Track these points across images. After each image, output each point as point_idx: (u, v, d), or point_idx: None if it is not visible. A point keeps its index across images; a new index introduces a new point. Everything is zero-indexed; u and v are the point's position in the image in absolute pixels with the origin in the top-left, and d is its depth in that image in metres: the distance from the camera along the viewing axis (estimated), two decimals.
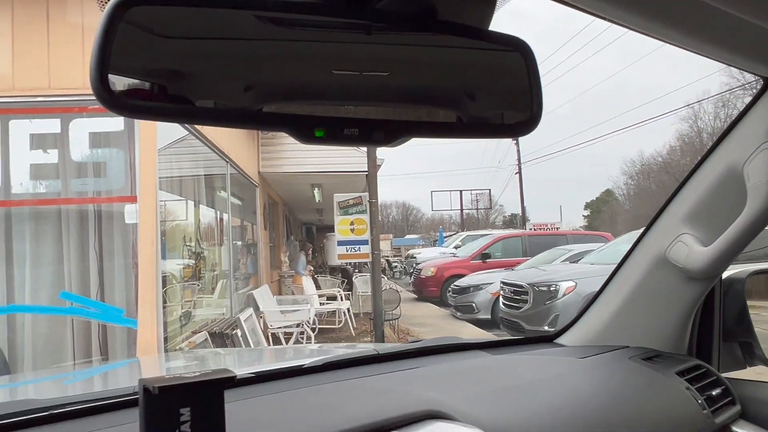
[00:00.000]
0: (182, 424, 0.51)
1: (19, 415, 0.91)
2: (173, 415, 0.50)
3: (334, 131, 0.55)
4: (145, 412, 0.50)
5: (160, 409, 0.50)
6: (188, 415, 0.51)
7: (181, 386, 0.50)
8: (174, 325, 5.39)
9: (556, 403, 1.06)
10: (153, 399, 0.50)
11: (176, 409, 0.50)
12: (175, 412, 0.50)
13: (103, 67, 0.46)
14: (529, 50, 0.64)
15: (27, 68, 3.95)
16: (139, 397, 0.50)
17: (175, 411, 0.50)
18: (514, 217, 47.12)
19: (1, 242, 4.10)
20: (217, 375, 0.52)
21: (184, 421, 0.51)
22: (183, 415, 0.51)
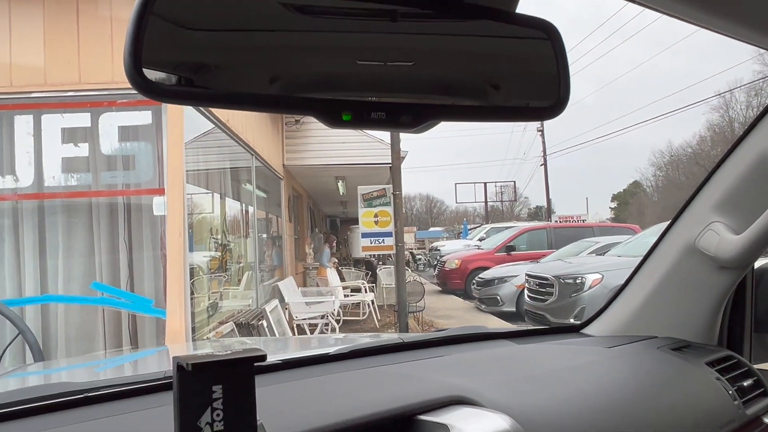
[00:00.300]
0: (214, 401, 0.52)
1: (56, 397, 0.94)
2: (206, 392, 0.52)
3: (361, 114, 0.55)
4: (179, 388, 0.51)
5: (194, 386, 0.51)
6: (220, 393, 0.52)
7: (214, 363, 0.51)
8: (201, 315, 5.48)
9: (584, 392, 1.05)
10: (186, 376, 0.51)
11: (209, 387, 0.52)
12: (208, 389, 0.52)
13: (136, 54, 0.48)
14: (557, 32, 0.63)
15: (58, 64, 4.03)
16: (173, 374, 0.52)
17: (208, 388, 0.52)
18: (539, 209, 46.71)
19: (34, 234, 4.20)
20: (248, 353, 0.53)
21: (216, 398, 0.52)
22: (215, 392, 0.52)
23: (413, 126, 0.57)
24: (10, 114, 4.07)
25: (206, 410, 0.52)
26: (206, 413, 0.52)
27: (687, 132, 73.37)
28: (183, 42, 0.53)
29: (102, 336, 4.29)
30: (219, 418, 0.52)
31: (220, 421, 0.52)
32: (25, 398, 0.93)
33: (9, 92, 3.99)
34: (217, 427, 0.52)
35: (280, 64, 0.58)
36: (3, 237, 4.18)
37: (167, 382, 1.01)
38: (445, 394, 0.88)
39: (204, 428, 0.52)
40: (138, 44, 0.48)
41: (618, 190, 52.08)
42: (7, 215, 4.20)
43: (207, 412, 0.52)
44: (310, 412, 0.80)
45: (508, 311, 10.36)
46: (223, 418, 0.52)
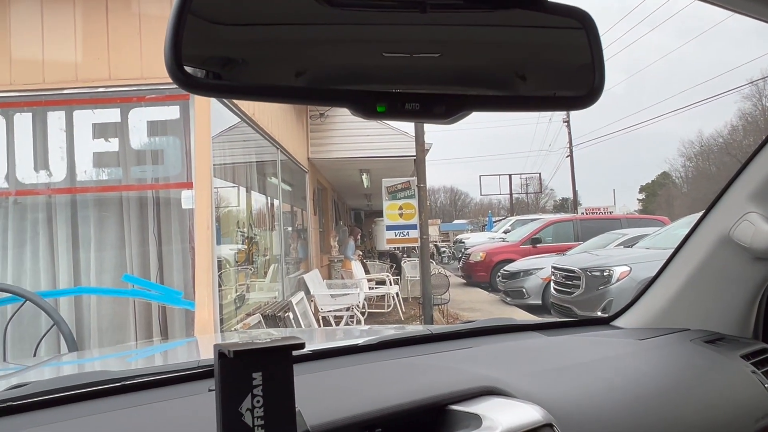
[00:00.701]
0: (255, 388, 0.53)
1: (94, 385, 0.97)
2: (247, 379, 0.53)
3: (395, 106, 0.55)
4: (221, 375, 0.53)
5: (235, 373, 0.53)
6: (260, 380, 0.53)
7: (255, 351, 0.52)
8: (229, 307, 5.56)
9: (616, 384, 1.05)
10: (228, 363, 0.52)
11: (249, 373, 0.53)
12: (248, 376, 0.53)
13: (176, 50, 0.49)
14: (591, 20, 0.63)
15: (89, 60, 4.10)
16: (215, 361, 0.53)
17: (248, 375, 0.53)
18: (565, 201, 46.16)
19: (67, 228, 4.30)
20: (287, 341, 0.54)
21: (256, 385, 0.53)
22: (255, 379, 0.53)
23: (447, 117, 0.57)
24: (43, 110, 4.16)
25: (247, 396, 0.53)
26: (247, 399, 0.53)
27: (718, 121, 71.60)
28: (219, 37, 0.54)
29: (133, 327, 4.38)
30: (259, 405, 0.53)
31: (261, 407, 0.53)
32: (64, 386, 0.95)
33: (42, 89, 4.08)
34: (257, 413, 0.53)
35: (310, 56, 0.59)
36: (37, 231, 4.29)
37: (201, 371, 1.03)
38: (476, 384, 0.88)
39: (245, 414, 0.53)
40: (178, 41, 0.49)
41: (646, 182, 51.18)
42: (42, 209, 4.30)
43: (248, 399, 0.53)
44: (344, 400, 0.81)
45: (533, 304, 10.28)
46: (263, 405, 0.53)
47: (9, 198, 4.28)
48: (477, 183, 42.41)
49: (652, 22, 54.97)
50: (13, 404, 0.89)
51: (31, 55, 4.08)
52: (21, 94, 4.10)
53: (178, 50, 0.49)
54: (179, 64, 0.49)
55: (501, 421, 0.79)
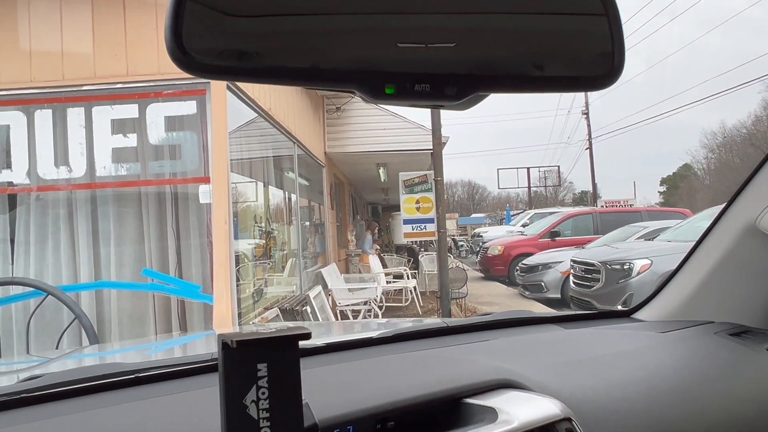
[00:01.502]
0: (259, 380, 0.52)
1: (109, 377, 0.97)
2: (251, 370, 0.51)
3: (405, 87, 0.53)
4: (224, 366, 0.51)
5: (239, 364, 0.51)
6: (265, 371, 0.52)
7: (259, 341, 0.51)
8: (247, 301, 5.60)
9: (637, 377, 1.02)
10: (231, 353, 0.51)
11: (254, 364, 0.51)
12: (253, 367, 0.51)
13: (176, 29, 0.47)
14: None
15: (106, 57, 4.14)
16: (218, 351, 0.52)
17: (253, 366, 0.51)
18: (584, 194, 45.70)
19: (88, 223, 4.35)
20: (292, 331, 0.53)
21: (261, 376, 0.52)
22: (260, 370, 0.52)
23: (458, 98, 0.55)
24: (63, 107, 4.20)
25: (251, 388, 0.52)
26: (251, 391, 0.52)
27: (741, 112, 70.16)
28: (225, 19, 0.52)
29: (152, 320, 4.43)
30: (264, 397, 0.52)
31: (266, 399, 0.52)
32: (79, 378, 0.96)
33: (61, 85, 4.13)
34: (262, 405, 0.52)
35: (316, 38, 0.57)
36: (59, 226, 4.34)
37: (215, 363, 1.02)
38: (492, 377, 0.86)
39: (250, 406, 0.52)
40: (178, 21, 0.48)
41: (667, 174, 50.45)
42: (63, 205, 4.36)
43: (252, 390, 0.52)
44: (357, 393, 0.80)
45: (552, 298, 10.21)
46: (269, 397, 0.52)
47: (31, 194, 4.34)
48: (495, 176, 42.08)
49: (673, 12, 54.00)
50: (28, 396, 0.89)
51: (51, 52, 4.13)
52: (41, 90, 4.15)
53: (178, 30, 0.48)
54: (179, 45, 0.48)
55: (517, 415, 0.76)
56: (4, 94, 4.13)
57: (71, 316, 3.84)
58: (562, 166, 60.77)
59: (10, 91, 4.12)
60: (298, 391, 0.53)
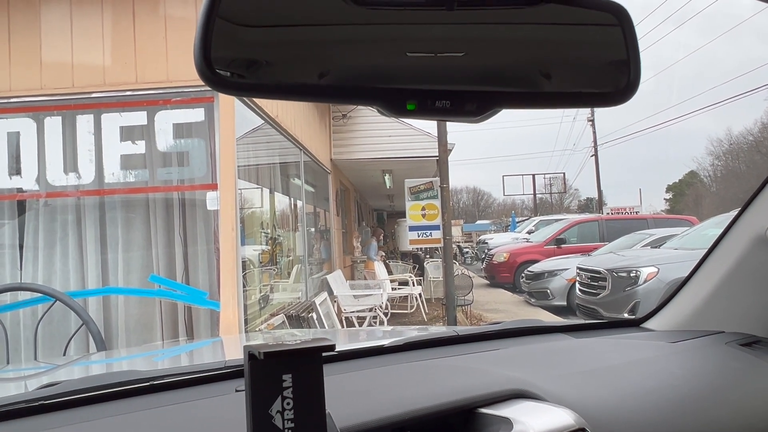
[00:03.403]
0: (284, 390, 0.52)
1: (124, 384, 0.98)
2: (277, 381, 0.52)
3: (426, 103, 0.55)
4: (251, 377, 0.52)
5: (265, 374, 0.52)
6: (290, 381, 0.52)
7: (285, 352, 0.52)
8: (253, 307, 5.60)
9: (648, 387, 1.02)
10: (258, 364, 0.52)
11: (279, 375, 0.52)
12: (278, 378, 0.52)
13: (205, 49, 0.49)
14: (627, 15, 0.61)
15: (116, 64, 4.17)
16: (245, 362, 0.52)
17: (278, 377, 0.52)
18: (590, 201, 45.59)
19: (96, 229, 4.37)
20: (317, 343, 0.53)
21: (286, 387, 0.52)
22: (285, 381, 0.52)
23: (478, 114, 0.56)
24: (72, 114, 4.24)
25: (277, 399, 0.52)
26: (277, 401, 0.52)
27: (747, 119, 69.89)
28: (248, 38, 0.54)
29: (159, 327, 4.43)
30: (289, 407, 0.53)
31: (291, 409, 0.53)
32: (94, 385, 0.97)
33: (71, 93, 4.16)
34: (287, 415, 0.53)
35: (338, 55, 0.58)
36: (67, 232, 4.37)
37: (228, 372, 1.03)
38: (506, 387, 0.86)
39: (275, 416, 0.52)
40: (207, 41, 0.49)
41: (673, 181, 50.29)
42: (71, 211, 4.38)
43: (278, 401, 0.52)
44: (372, 402, 0.80)
45: (558, 305, 10.18)
46: (294, 407, 0.53)
47: (39, 200, 4.37)
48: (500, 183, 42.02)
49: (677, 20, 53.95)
50: (45, 403, 0.90)
51: (61, 59, 4.16)
52: (51, 98, 4.18)
53: (207, 50, 0.49)
54: (208, 64, 0.49)
55: (532, 425, 0.77)
56: (15, 102, 4.17)
57: (79, 322, 3.85)
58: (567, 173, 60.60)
59: (21, 98, 4.16)
60: (322, 402, 0.54)
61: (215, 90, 0.51)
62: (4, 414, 0.88)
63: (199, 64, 0.49)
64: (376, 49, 0.59)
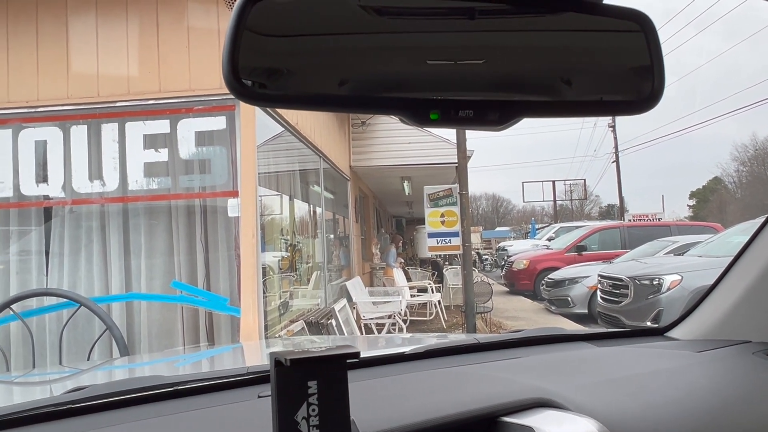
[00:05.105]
0: (310, 396, 0.53)
1: (149, 389, 0.99)
2: (302, 387, 0.53)
3: (449, 113, 0.55)
4: (277, 383, 0.53)
5: (291, 381, 0.53)
6: (315, 388, 0.53)
7: (310, 359, 0.52)
8: (273, 314, 5.63)
9: (674, 397, 1.01)
10: (284, 371, 0.53)
11: (305, 382, 0.53)
12: (304, 385, 0.53)
13: (233, 62, 0.50)
14: (651, 22, 0.61)
15: (140, 74, 4.24)
16: (271, 369, 0.53)
17: (304, 383, 0.53)
18: (611, 207, 45.07)
19: (119, 235, 4.44)
20: (342, 350, 0.54)
21: (311, 393, 0.53)
22: (311, 387, 0.53)
23: (501, 123, 0.56)
24: (97, 123, 4.32)
25: (302, 405, 0.53)
26: (302, 408, 0.53)
27: None
28: (274, 50, 0.55)
29: (181, 332, 4.48)
30: (315, 413, 0.53)
31: (316, 416, 0.53)
32: (120, 390, 0.98)
33: (96, 102, 4.24)
34: (313, 422, 0.53)
35: (360, 65, 0.59)
36: (91, 238, 4.44)
37: (250, 377, 1.04)
38: (529, 395, 0.86)
39: (301, 423, 0.53)
40: (234, 54, 0.50)
41: (697, 187, 49.54)
42: (96, 218, 4.46)
43: (303, 407, 0.53)
44: (394, 409, 0.80)
45: (579, 313, 10.06)
46: (319, 414, 0.53)
47: (65, 207, 4.45)
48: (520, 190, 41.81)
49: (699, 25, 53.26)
50: (73, 407, 0.92)
51: (87, 70, 4.25)
52: (77, 107, 4.27)
53: (234, 63, 0.50)
54: (236, 76, 0.50)
55: None
56: (43, 111, 4.27)
57: (102, 327, 3.91)
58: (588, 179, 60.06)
59: (48, 107, 4.26)
60: (346, 408, 0.54)
61: (243, 101, 0.52)
62: (33, 417, 0.90)
63: (227, 76, 0.50)
64: (397, 58, 0.60)
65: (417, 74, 0.60)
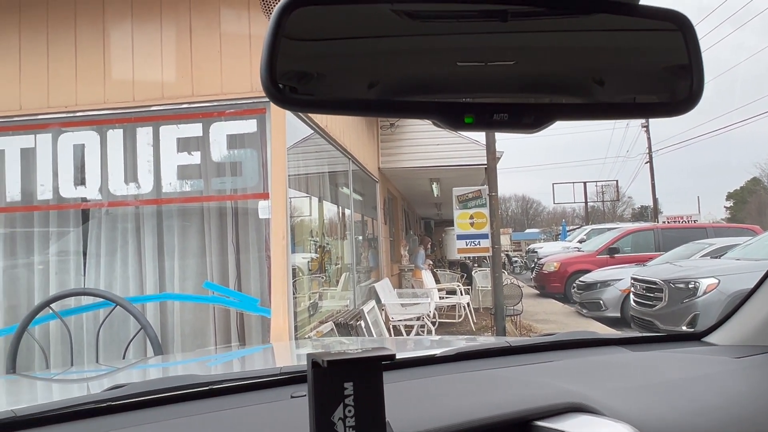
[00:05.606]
0: (346, 398, 0.53)
1: (185, 388, 1.01)
2: (339, 389, 0.53)
3: (483, 117, 0.55)
4: (314, 384, 0.53)
5: (328, 382, 0.53)
6: (351, 389, 0.54)
7: (347, 361, 0.53)
8: (303, 315, 5.68)
9: (713, 404, 0.98)
10: (321, 372, 0.53)
11: (341, 383, 0.53)
12: (340, 386, 0.53)
13: (272, 68, 0.51)
14: (689, 23, 0.60)
15: (173, 79, 4.32)
16: (308, 370, 0.54)
17: (340, 385, 0.53)
18: (644, 209, 44.22)
19: (154, 237, 4.53)
20: (378, 352, 0.54)
21: (347, 394, 0.54)
22: (347, 389, 0.54)
23: (536, 126, 0.56)
24: (133, 126, 4.42)
25: (339, 406, 0.54)
26: (339, 409, 0.54)
27: None
28: (310, 55, 0.55)
29: (213, 332, 4.54)
30: (351, 414, 0.54)
31: (352, 417, 0.54)
32: (158, 388, 1.01)
33: (132, 107, 4.34)
34: (349, 422, 0.54)
35: (395, 70, 0.59)
36: (127, 239, 4.54)
37: (284, 378, 1.05)
38: (562, 400, 0.85)
39: (337, 423, 0.54)
40: (272, 61, 0.51)
41: (734, 188, 48.20)
42: (131, 219, 4.56)
43: (339, 408, 0.54)
44: (429, 411, 0.81)
45: (611, 316, 9.89)
46: (355, 415, 0.54)
47: (102, 209, 4.56)
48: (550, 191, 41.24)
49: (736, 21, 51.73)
50: (113, 404, 0.95)
51: (123, 75, 4.36)
52: (113, 111, 4.38)
53: (273, 69, 0.51)
54: (274, 82, 0.51)
55: None
56: (81, 115, 4.39)
57: (137, 327, 3.99)
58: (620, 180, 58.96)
59: (86, 112, 4.37)
60: (382, 410, 0.55)
61: (281, 107, 0.53)
62: (75, 414, 0.92)
63: (265, 82, 0.51)
64: (429, 61, 0.60)
65: (449, 76, 0.60)
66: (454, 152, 9.86)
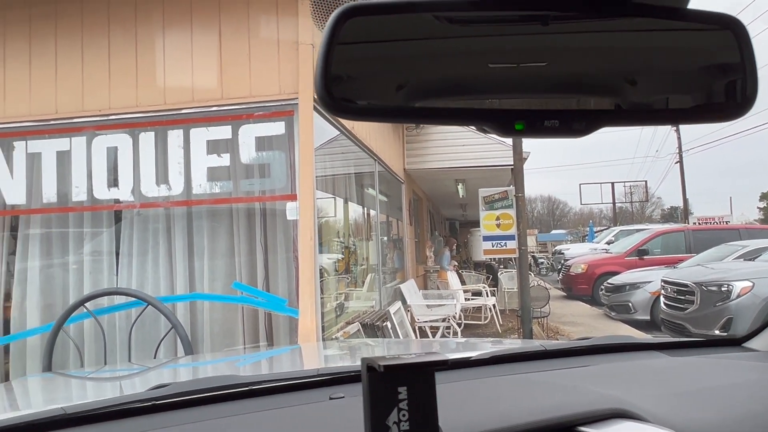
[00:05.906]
0: (400, 402, 0.54)
1: (226, 388, 1.03)
2: (393, 393, 0.54)
3: (534, 123, 0.55)
4: (369, 388, 0.54)
5: (383, 386, 0.54)
6: (405, 394, 0.54)
7: (403, 366, 0.54)
8: (329, 315, 5.71)
9: (755, 411, 0.96)
10: (377, 377, 0.54)
11: (395, 388, 0.54)
12: (394, 390, 0.54)
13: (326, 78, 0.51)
14: (743, 27, 0.59)
15: (203, 82, 4.39)
16: (362, 374, 0.54)
17: (394, 389, 0.54)
18: (674, 210, 43.41)
19: (184, 237, 4.60)
20: (431, 357, 0.55)
21: (401, 399, 0.54)
22: (401, 393, 0.54)
23: (586, 132, 0.56)
24: (164, 129, 4.49)
25: (393, 410, 0.54)
26: (393, 413, 0.54)
27: None
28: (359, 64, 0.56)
29: (241, 332, 4.59)
30: (405, 419, 0.54)
31: (406, 421, 0.54)
32: (199, 388, 1.02)
33: (163, 110, 4.42)
34: (403, 426, 0.54)
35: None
36: (158, 240, 4.62)
37: (322, 379, 1.07)
38: (605, 406, 0.84)
39: (392, 427, 0.54)
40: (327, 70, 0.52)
41: None
42: (162, 220, 4.64)
43: (394, 412, 0.54)
44: (472, 415, 0.81)
45: (641, 319, 9.72)
46: (409, 419, 0.54)
47: (134, 210, 4.65)
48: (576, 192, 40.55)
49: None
50: (157, 403, 0.97)
51: (154, 79, 4.44)
52: (145, 115, 4.46)
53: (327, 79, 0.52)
54: (329, 92, 0.52)
55: None
56: (114, 119, 4.48)
57: (168, 326, 4.05)
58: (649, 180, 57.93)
59: (119, 115, 4.46)
60: (435, 415, 0.55)
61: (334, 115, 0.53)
62: (121, 412, 0.95)
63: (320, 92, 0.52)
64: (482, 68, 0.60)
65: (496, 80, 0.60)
66: (480, 153, 9.81)
